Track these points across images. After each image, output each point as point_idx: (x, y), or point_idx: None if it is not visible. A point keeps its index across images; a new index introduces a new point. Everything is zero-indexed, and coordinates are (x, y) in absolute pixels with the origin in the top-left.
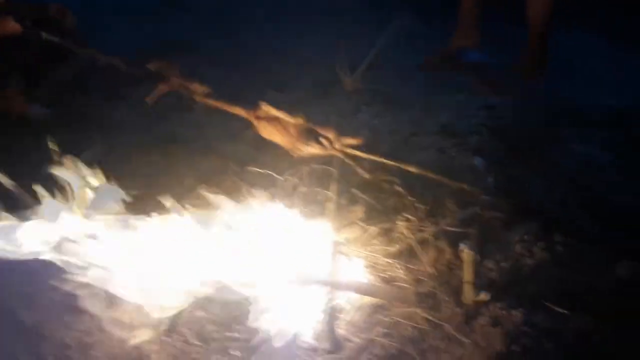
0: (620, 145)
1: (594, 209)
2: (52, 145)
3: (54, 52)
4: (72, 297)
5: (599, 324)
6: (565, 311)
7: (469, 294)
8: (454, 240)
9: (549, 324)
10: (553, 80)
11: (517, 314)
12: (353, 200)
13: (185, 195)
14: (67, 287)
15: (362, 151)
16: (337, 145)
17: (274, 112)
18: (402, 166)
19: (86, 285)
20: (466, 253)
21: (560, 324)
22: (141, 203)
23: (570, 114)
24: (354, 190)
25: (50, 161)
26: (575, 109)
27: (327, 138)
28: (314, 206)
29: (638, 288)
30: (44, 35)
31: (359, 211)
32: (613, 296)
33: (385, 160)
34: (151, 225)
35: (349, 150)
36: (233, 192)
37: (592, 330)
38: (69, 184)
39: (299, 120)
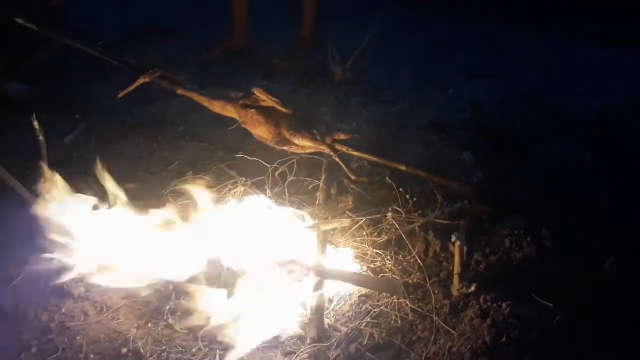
0: (603, 145)
1: (580, 207)
2: (35, 125)
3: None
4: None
5: (584, 318)
6: (551, 305)
7: (457, 286)
8: (442, 233)
9: (535, 317)
10: (537, 80)
11: (504, 306)
12: (343, 191)
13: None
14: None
15: (351, 146)
16: (327, 141)
17: (268, 98)
18: (392, 165)
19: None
20: (457, 245)
21: (546, 317)
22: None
23: (554, 113)
24: (344, 181)
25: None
26: (558, 109)
27: (317, 132)
28: (303, 196)
29: (623, 284)
30: (19, 20)
31: (348, 202)
32: (599, 291)
33: (375, 159)
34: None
35: (339, 147)
36: (219, 179)
37: (577, 324)
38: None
39: (289, 112)
